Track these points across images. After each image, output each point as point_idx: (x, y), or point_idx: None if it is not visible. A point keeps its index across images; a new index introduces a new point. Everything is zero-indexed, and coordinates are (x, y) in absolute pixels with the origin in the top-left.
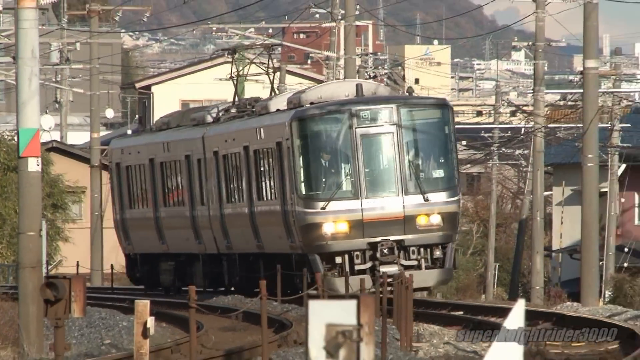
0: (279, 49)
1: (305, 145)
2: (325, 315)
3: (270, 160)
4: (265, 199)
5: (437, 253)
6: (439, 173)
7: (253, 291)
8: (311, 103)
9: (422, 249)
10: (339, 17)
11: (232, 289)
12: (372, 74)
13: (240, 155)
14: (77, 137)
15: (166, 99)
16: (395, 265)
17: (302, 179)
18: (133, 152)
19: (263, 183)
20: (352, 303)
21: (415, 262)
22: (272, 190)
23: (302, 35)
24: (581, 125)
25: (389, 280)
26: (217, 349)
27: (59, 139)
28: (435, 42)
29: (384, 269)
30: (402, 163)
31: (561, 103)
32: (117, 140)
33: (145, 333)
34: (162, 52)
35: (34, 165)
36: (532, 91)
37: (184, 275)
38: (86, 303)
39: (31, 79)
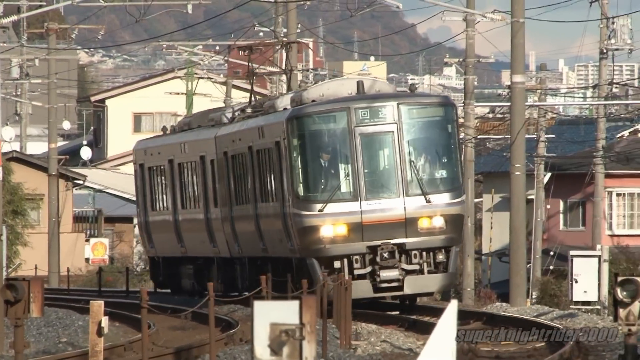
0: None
1: (301, 145)
2: (270, 315)
3: (271, 160)
4: (267, 200)
5: (440, 257)
6: (441, 173)
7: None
8: (312, 101)
9: (424, 253)
10: (282, 35)
11: (246, 293)
12: None
13: (246, 155)
14: (36, 148)
15: (119, 112)
16: (395, 269)
17: (298, 180)
18: (154, 153)
19: (265, 184)
20: (295, 304)
21: (417, 267)
22: (273, 192)
23: (247, 52)
24: (509, 136)
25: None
26: (168, 347)
27: (18, 149)
28: (372, 58)
29: (384, 273)
30: (403, 163)
31: (490, 115)
32: (142, 141)
33: (99, 332)
34: (115, 67)
35: None
36: (462, 104)
37: (202, 279)
38: (44, 304)
39: None
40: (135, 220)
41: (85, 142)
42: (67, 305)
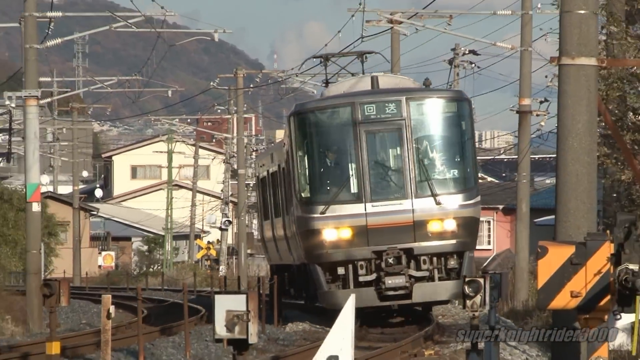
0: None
1: (304, 143)
2: (226, 304)
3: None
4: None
5: (452, 263)
6: (453, 173)
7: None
8: None
9: (434, 259)
10: (233, 111)
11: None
12: (254, 148)
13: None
14: (64, 189)
15: (121, 165)
16: (402, 276)
17: (300, 180)
18: (263, 164)
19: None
20: (243, 297)
21: (426, 273)
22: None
23: (209, 123)
24: None
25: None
26: (155, 326)
27: (52, 190)
28: None
29: (389, 280)
30: (412, 162)
31: None
32: (262, 152)
33: (108, 316)
34: (119, 134)
35: (36, 207)
36: None
37: (292, 285)
38: (70, 296)
39: (34, 152)
40: (133, 239)
41: (98, 185)
42: (86, 298)
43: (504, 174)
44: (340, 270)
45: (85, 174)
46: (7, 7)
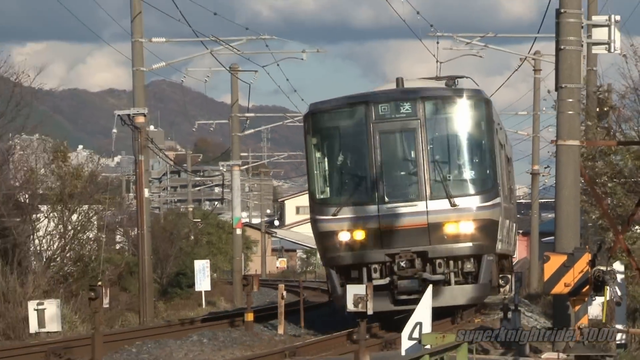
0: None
1: (317, 143)
2: (353, 290)
3: None
4: None
5: (469, 266)
6: (470, 174)
7: None
8: None
9: (450, 262)
10: None
11: None
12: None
13: None
14: (255, 220)
15: (290, 206)
16: (416, 279)
17: (314, 180)
18: None
19: None
20: (363, 286)
21: (442, 277)
22: None
23: None
24: None
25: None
26: (312, 304)
27: (248, 221)
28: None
29: (402, 284)
30: (426, 163)
31: None
32: None
33: (282, 297)
34: (288, 187)
35: (239, 231)
36: None
37: None
38: (259, 285)
39: (237, 198)
40: (298, 251)
41: (276, 218)
42: (269, 286)
43: (522, 211)
44: (354, 274)
45: (268, 211)
46: (222, 109)
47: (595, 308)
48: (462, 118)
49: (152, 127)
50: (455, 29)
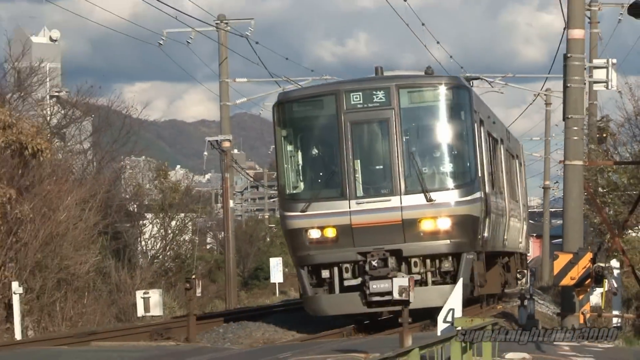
0: None
1: (286, 135)
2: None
3: None
4: None
5: (447, 265)
6: (448, 167)
7: None
8: None
9: (427, 261)
10: None
11: None
12: None
13: None
14: None
15: None
16: (388, 280)
17: (282, 174)
18: None
19: None
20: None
21: (417, 277)
22: None
23: None
24: None
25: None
26: None
27: None
28: None
29: (374, 284)
30: (401, 155)
31: None
32: None
33: None
34: None
35: None
36: None
37: None
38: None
39: None
40: None
41: None
42: None
43: (535, 219)
44: (325, 274)
45: None
46: None
47: (596, 297)
48: (439, 107)
49: (235, 151)
50: (481, 70)
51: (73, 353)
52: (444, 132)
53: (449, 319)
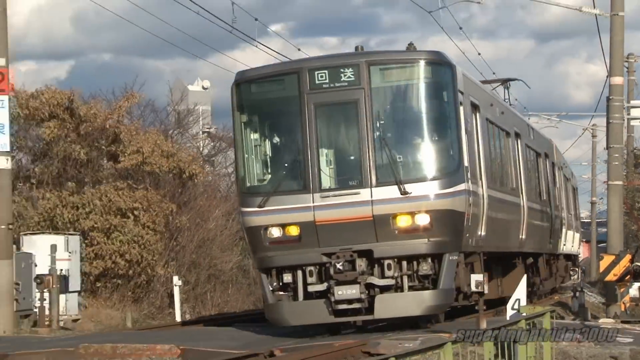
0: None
1: (244, 120)
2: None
3: None
4: None
5: (426, 268)
6: (427, 156)
7: None
8: None
9: (403, 263)
10: None
11: None
12: None
13: None
14: None
15: None
16: (356, 285)
17: (239, 165)
18: None
19: None
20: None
21: (392, 281)
22: None
23: None
24: None
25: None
26: None
27: None
28: None
29: (339, 291)
30: (371, 142)
31: None
32: None
33: None
34: None
35: None
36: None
37: None
38: None
39: None
40: None
41: None
42: None
43: (584, 228)
44: (287, 278)
45: None
46: None
47: (634, 290)
48: (417, 86)
49: None
50: (540, 110)
51: (220, 332)
52: (421, 114)
53: (516, 306)
